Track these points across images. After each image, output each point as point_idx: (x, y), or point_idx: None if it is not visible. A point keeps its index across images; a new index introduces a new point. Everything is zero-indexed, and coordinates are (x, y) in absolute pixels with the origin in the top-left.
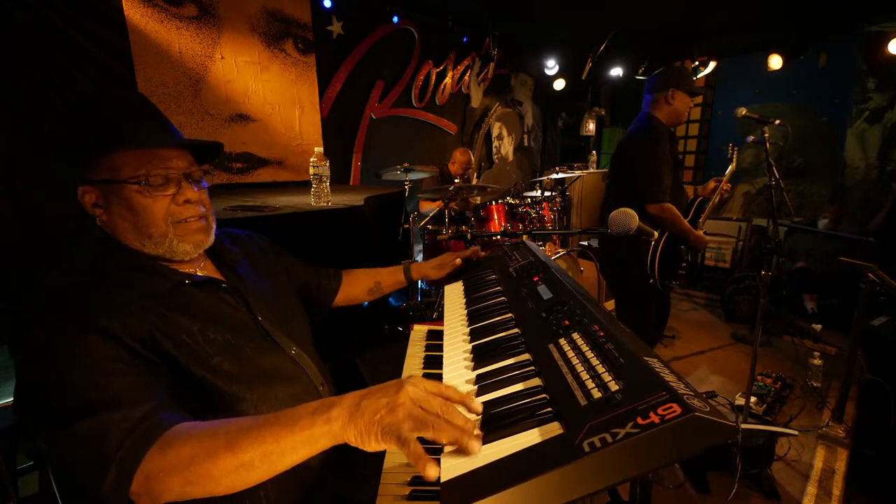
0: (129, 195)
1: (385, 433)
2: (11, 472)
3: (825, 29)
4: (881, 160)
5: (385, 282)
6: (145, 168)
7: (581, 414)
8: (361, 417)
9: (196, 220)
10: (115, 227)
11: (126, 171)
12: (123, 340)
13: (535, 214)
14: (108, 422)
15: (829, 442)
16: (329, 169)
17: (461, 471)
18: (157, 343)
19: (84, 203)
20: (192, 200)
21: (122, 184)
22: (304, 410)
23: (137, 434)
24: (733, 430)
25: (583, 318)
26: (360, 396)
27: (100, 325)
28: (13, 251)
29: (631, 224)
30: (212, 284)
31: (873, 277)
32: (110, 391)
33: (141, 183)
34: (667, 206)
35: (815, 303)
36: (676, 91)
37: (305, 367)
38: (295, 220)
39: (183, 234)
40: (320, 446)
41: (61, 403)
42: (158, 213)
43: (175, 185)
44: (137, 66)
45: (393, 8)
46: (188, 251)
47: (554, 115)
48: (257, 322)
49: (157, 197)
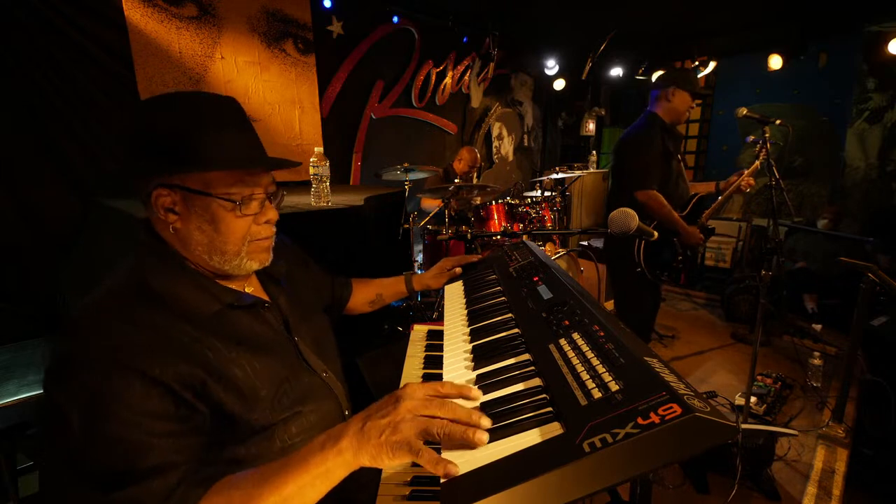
0: (216, 210)
1: (396, 450)
2: (11, 472)
3: (825, 29)
4: (881, 160)
5: (387, 293)
6: (238, 188)
7: (581, 414)
8: (368, 442)
9: (268, 239)
10: (189, 238)
11: (220, 187)
12: (175, 390)
13: (535, 214)
14: (146, 491)
15: (829, 442)
16: (329, 169)
17: (461, 471)
18: (207, 390)
19: (156, 205)
20: (272, 221)
21: (213, 198)
22: (314, 447)
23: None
24: (733, 431)
25: (583, 318)
26: (361, 421)
27: (152, 373)
28: (13, 251)
29: (631, 224)
30: (258, 306)
31: (873, 277)
32: (153, 458)
33: (235, 203)
34: (653, 192)
35: (815, 303)
36: (676, 90)
37: (336, 389)
38: (295, 220)
39: (253, 252)
40: (337, 478)
41: (101, 466)
42: (240, 233)
43: (259, 206)
44: (137, 66)
45: (393, 8)
46: (253, 268)
47: (554, 115)
48: (294, 343)
49: (244, 216)
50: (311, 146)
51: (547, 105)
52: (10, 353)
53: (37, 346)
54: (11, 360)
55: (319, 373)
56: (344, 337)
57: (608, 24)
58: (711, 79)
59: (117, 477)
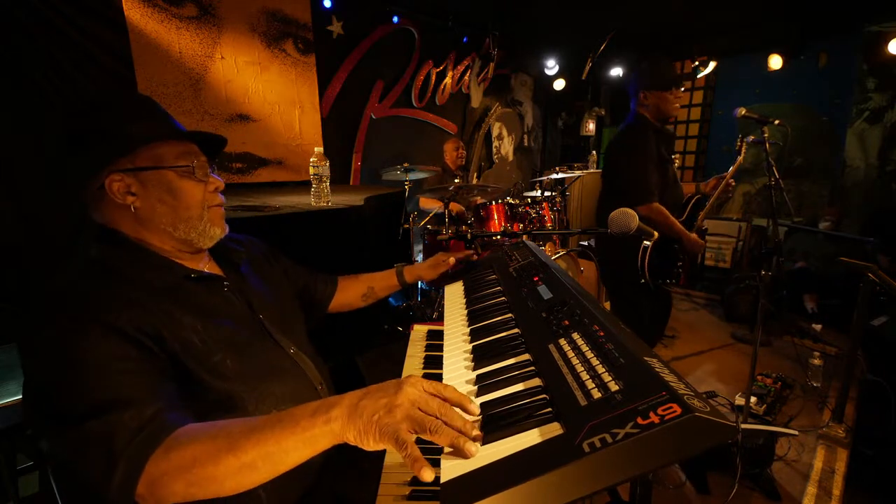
0: (172, 180)
1: (383, 434)
2: (11, 472)
3: (825, 29)
4: (881, 160)
5: (378, 286)
6: (185, 158)
7: (581, 414)
8: (360, 417)
9: (222, 207)
10: (152, 212)
11: (169, 158)
12: (131, 335)
13: (535, 214)
14: (117, 421)
15: (829, 442)
16: (329, 169)
17: (461, 471)
18: (163, 340)
19: (112, 192)
20: (220, 189)
21: (167, 169)
22: (305, 411)
23: (146, 433)
24: (733, 430)
25: (583, 318)
26: (359, 396)
27: (108, 320)
28: (13, 251)
29: (631, 224)
30: (215, 281)
31: (873, 277)
32: (120, 390)
33: (188, 167)
34: (655, 206)
35: (815, 303)
36: (647, 92)
37: (304, 366)
38: (295, 220)
39: (214, 218)
40: (321, 446)
41: (71, 403)
42: (198, 197)
43: (205, 174)
44: (137, 66)
45: (393, 8)
46: (216, 235)
47: (554, 115)
48: (258, 320)
49: (198, 182)
50: (311, 146)
51: (547, 105)
52: (10, 353)
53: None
54: (11, 360)
55: (286, 349)
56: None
57: (608, 24)
58: (711, 79)
59: (87, 410)
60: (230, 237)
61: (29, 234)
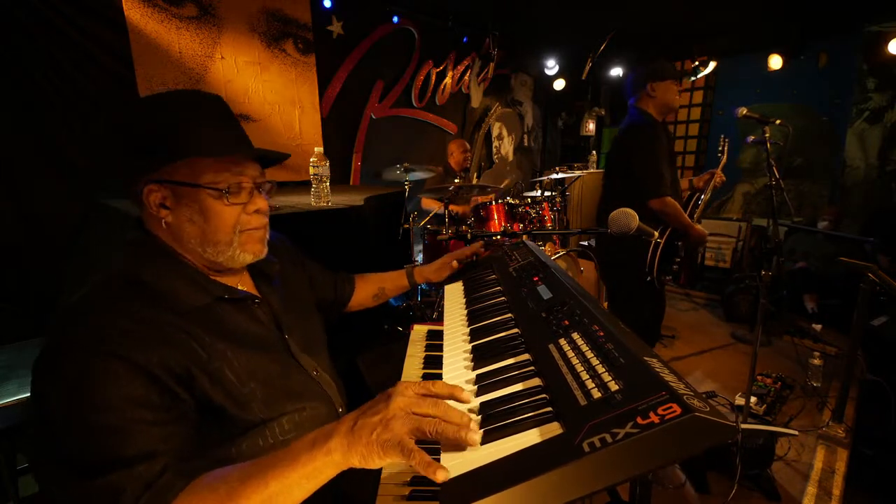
0: (204, 200)
1: (386, 448)
2: (11, 472)
3: (825, 29)
4: (881, 160)
5: (389, 287)
6: (224, 176)
7: (581, 414)
8: (359, 440)
9: (260, 230)
10: (181, 230)
11: (206, 176)
12: (159, 377)
13: (535, 214)
14: (127, 478)
15: (829, 442)
16: (329, 169)
17: (461, 471)
18: (192, 379)
19: (147, 201)
20: (262, 210)
21: (201, 188)
22: (303, 445)
23: (153, 492)
24: (733, 430)
25: (583, 318)
26: (353, 420)
27: (135, 360)
28: (13, 251)
29: (631, 224)
30: (247, 301)
31: (873, 277)
32: (136, 445)
33: (221, 191)
34: (668, 199)
35: (815, 303)
36: (655, 83)
37: (326, 386)
38: (295, 220)
39: (246, 242)
40: (325, 477)
41: (84, 452)
42: (230, 222)
43: (248, 195)
44: (137, 66)
45: (393, 8)
46: (247, 260)
47: (554, 115)
48: (285, 341)
49: (232, 206)
50: (311, 146)
51: (547, 105)
52: (10, 353)
53: (37, 346)
54: (11, 360)
55: (310, 371)
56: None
57: (608, 24)
58: (711, 79)
59: (99, 463)
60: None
61: (29, 234)
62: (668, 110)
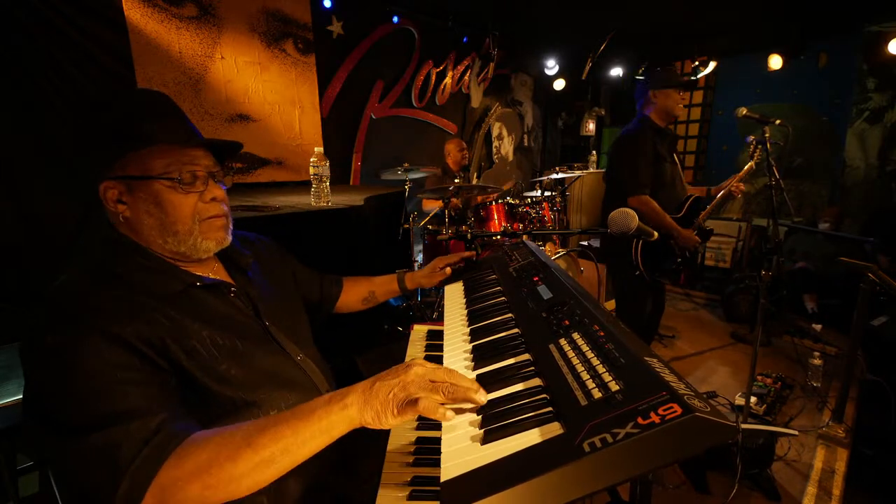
0: (159, 191)
1: (403, 408)
2: (11, 472)
3: (825, 29)
4: (881, 160)
5: (379, 291)
6: (176, 165)
7: (581, 414)
8: (376, 398)
9: (220, 218)
10: (140, 224)
11: (157, 167)
12: (136, 346)
13: (535, 214)
14: (122, 434)
15: (829, 442)
16: (329, 169)
17: (461, 470)
18: (167, 349)
19: (105, 199)
20: (219, 198)
21: (153, 180)
22: (319, 402)
23: (152, 446)
24: (733, 430)
25: (583, 318)
26: (371, 382)
27: (112, 331)
28: (13, 251)
29: (630, 224)
30: (222, 288)
31: (873, 277)
32: (125, 402)
33: (174, 179)
34: (644, 198)
35: (815, 303)
36: (656, 91)
37: (311, 372)
38: (295, 220)
39: (207, 231)
40: (338, 432)
41: (74, 414)
42: (187, 210)
43: (202, 183)
44: (137, 66)
45: (393, 8)
46: (210, 248)
47: (554, 115)
48: (265, 327)
49: (187, 194)
50: (311, 146)
51: (547, 105)
52: (10, 353)
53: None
54: (11, 360)
55: (293, 356)
56: (344, 336)
57: (608, 24)
58: (711, 79)
59: (90, 422)
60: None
61: (29, 234)
62: (669, 117)
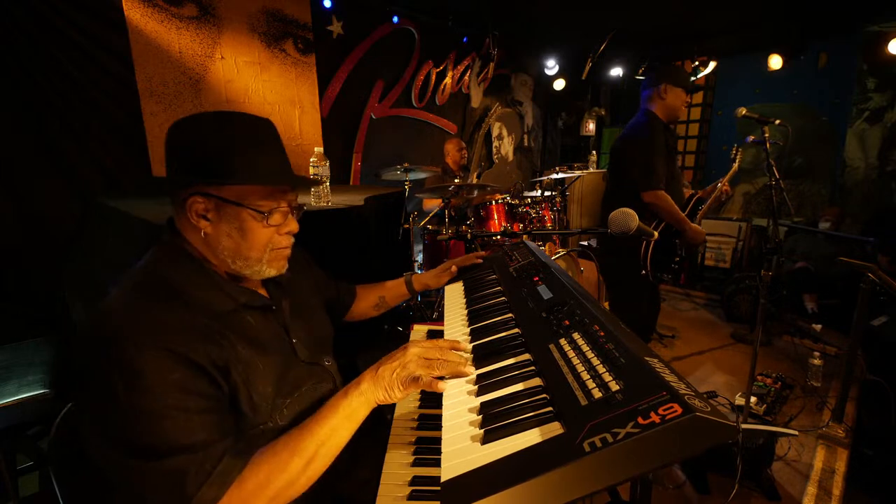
0: (245, 220)
1: (406, 383)
2: (11, 472)
3: (825, 29)
4: (881, 160)
5: (389, 296)
6: (268, 201)
7: (582, 414)
8: (383, 379)
9: (287, 248)
10: (217, 243)
11: (252, 199)
12: (207, 370)
13: (535, 214)
14: (191, 462)
15: (829, 442)
16: (329, 169)
17: (462, 470)
18: (229, 373)
19: (189, 210)
20: (293, 232)
21: (244, 208)
22: (338, 397)
23: (217, 473)
24: (734, 430)
25: (583, 318)
26: (376, 367)
27: (186, 354)
28: (13, 251)
29: (631, 224)
30: (267, 309)
31: (873, 277)
32: (196, 432)
33: (264, 213)
34: (660, 192)
35: (815, 303)
36: (668, 86)
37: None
38: None
39: (273, 260)
40: (360, 416)
41: (143, 436)
42: (264, 241)
43: (282, 217)
44: (137, 66)
45: (393, 8)
46: (271, 274)
47: (554, 115)
48: (291, 345)
49: (268, 227)
50: (311, 146)
51: (547, 105)
52: (10, 353)
53: (37, 346)
54: (11, 360)
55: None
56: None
57: (608, 24)
58: (711, 79)
59: (162, 447)
60: None
61: (29, 234)
62: (673, 116)
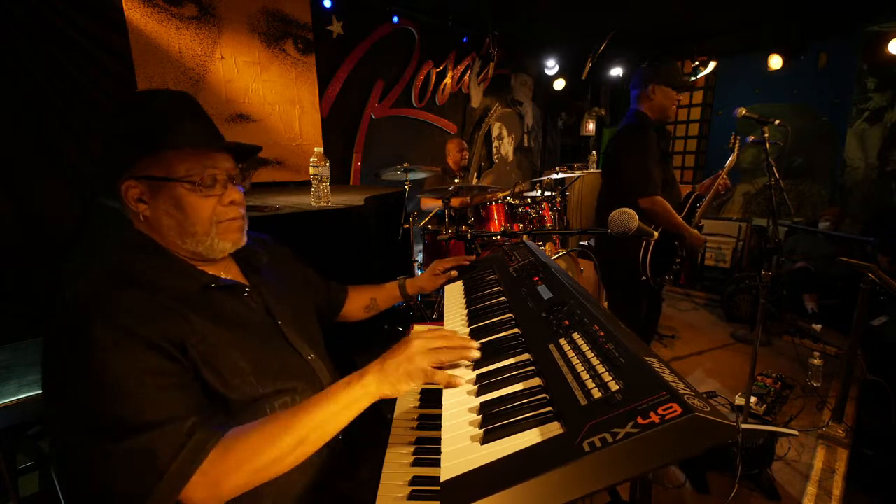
0: (180, 194)
1: (412, 377)
2: (11, 472)
3: (825, 29)
4: (881, 160)
5: (381, 298)
6: (198, 169)
7: (581, 414)
8: (390, 374)
9: (237, 220)
10: (159, 224)
11: (179, 170)
12: (165, 348)
13: (535, 214)
14: (157, 439)
15: (829, 442)
16: (329, 169)
17: (462, 470)
18: (186, 351)
19: (126, 198)
20: (237, 202)
21: (175, 182)
22: (339, 385)
23: (187, 449)
24: (733, 430)
25: (583, 318)
26: (381, 361)
27: (143, 334)
28: (13, 251)
29: (631, 224)
30: (236, 289)
31: (873, 277)
32: (160, 409)
33: (195, 183)
34: (658, 198)
35: (815, 303)
36: (656, 86)
37: (320, 373)
38: (295, 220)
39: (224, 232)
40: (360, 407)
41: (108, 418)
42: (205, 213)
43: (222, 187)
44: (137, 66)
45: (393, 8)
46: (226, 248)
47: (554, 115)
48: (277, 326)
49: (206, 197)
50: (311, 146)
51: (547, 105)
52: (10, 353)
53: (37, 346)
54: (11, 360)
55: (305, 356)
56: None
57: (608, 24)
58: (711, 79)
59: (128, 426)
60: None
61: (29, 234)
62: (663, 116)
